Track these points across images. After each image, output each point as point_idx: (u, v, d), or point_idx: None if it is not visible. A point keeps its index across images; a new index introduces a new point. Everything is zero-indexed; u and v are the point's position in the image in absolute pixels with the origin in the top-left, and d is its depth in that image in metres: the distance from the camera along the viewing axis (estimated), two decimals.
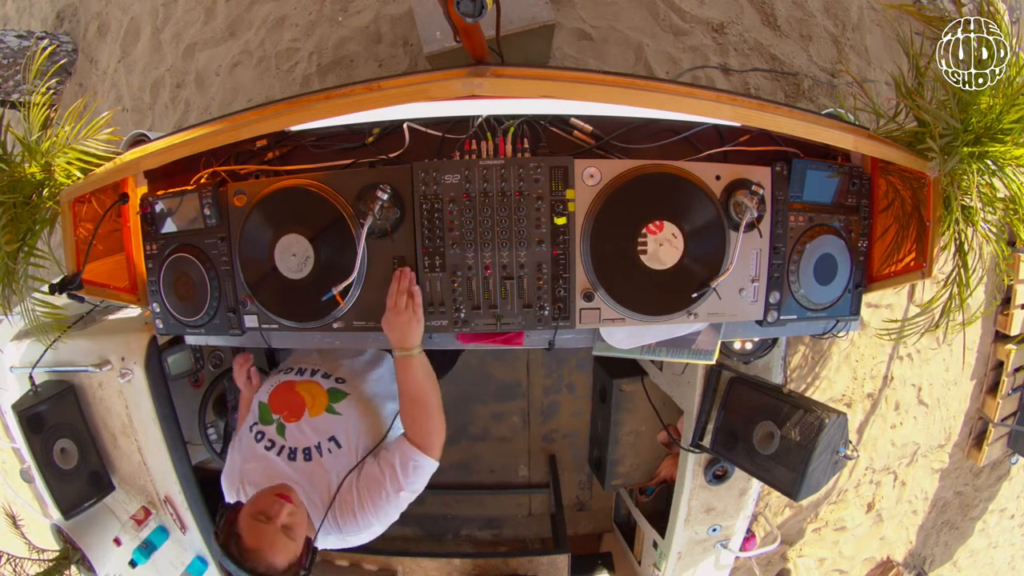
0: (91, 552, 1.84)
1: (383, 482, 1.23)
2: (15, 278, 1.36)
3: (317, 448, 1.28)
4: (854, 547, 3.50)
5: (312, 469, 1.26)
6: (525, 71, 1.18)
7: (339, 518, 1.23)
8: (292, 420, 1.32)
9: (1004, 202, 1.27)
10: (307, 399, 1.36)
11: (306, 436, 1.30)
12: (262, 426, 1.34)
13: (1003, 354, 3.22)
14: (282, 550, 1.11)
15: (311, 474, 1.26)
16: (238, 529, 1.12)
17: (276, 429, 1.32)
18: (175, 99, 3.35)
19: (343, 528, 1.23)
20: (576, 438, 3.00)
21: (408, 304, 1.24)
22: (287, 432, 1.31)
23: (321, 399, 1.36)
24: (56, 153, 1.38)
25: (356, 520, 1.23)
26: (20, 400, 1.75)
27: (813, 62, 2.84)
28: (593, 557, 2.59)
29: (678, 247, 1.24)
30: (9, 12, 4.17)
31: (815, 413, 1.42)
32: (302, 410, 1.34)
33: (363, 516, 1.23)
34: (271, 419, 1.34)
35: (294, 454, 1.28)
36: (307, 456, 1.28)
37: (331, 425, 1.32)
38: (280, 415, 1.34)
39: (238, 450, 1.36)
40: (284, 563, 1.11)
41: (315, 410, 1.34)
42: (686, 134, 1.33)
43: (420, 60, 2.76)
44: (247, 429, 1.37)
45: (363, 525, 1.24)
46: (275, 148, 1.38)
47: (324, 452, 1.28)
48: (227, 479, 1.36)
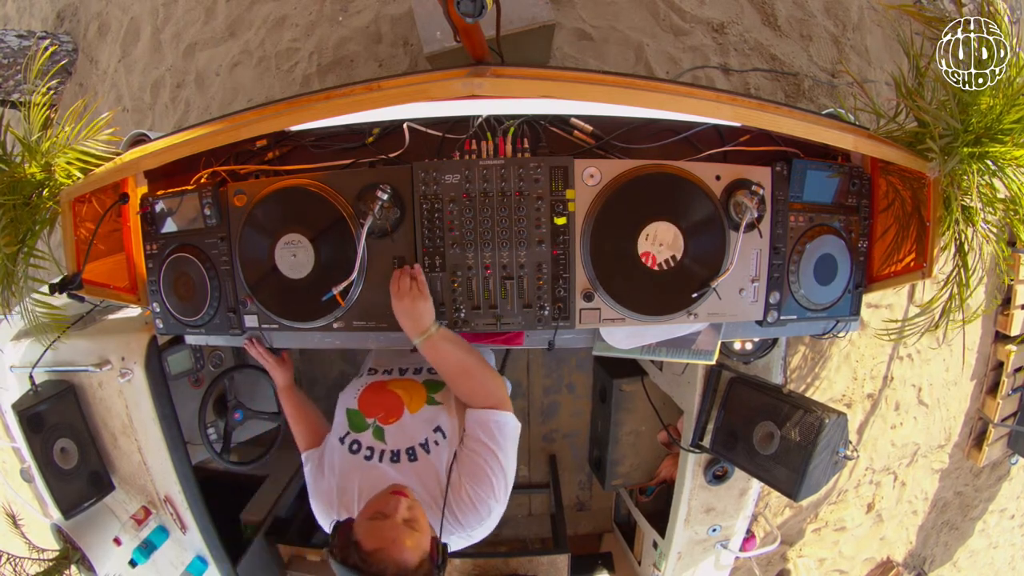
0: (91, 552, 1.84)
1: (483, 464, 1.15)
2: (15, 279, 1.36)
3: (423, 445, 1.21)
4: (854, 547, 3.50)
5: (420, 468, 1.18)
6: (525, 71, 1.18)
7: (460, 514, 1.14)
8: (391, 420, 1.25)
9: (1004, 202, 1.27)
10: (404, 396, 1.30)
11: (409, 434, 1.22)
12: (355, 434, 1.25)
13: (1003, 354, 3.22)
14: (409, 544, 0.99)
15: (420, 474, 1.18)
16: (356, 537, 1.00)
17: (373, 433, 1.24)
18: (175, 99, 3.35)
19: (464, 521, 1.15)
20: (576, 438, 3.00)
21: (411, 285, 1.22)
22: (387, 434, 1.23)
23: (419, 392, 1.31)
24: (56, 153, 1.38)
25: (476, 508, 1.14)
26: (20, 400, 1.75)
27: (813, 62, 2.84)
28: (593, 557, 2.59)
29: (678, 247, 1.24)
30: (9, 12, 4.17)
31: (815, 413, 1.42)
32: (400, 408, 1.27)
33: (481, 502, 1.14)
34: (365, 424, 1.26)
35: (397, 456, 1.20)
36: (412, 456, 1.20)
37: (435, 416, 1.25)
38: (375, 418, 1.27)
39: (329, 467, 1.25)
40: (415, 559, 0.99)
41: (415, 405, 1.28)
42: (686, 134, 1.33)
43: (420, 60, 2.77)
44: (335, 442, 1.27)
45: (484, 512, 1.15)
46: (275, 148, 1.38)
47: (431, 447, 1.20)
48: (321, 503, 1.23)
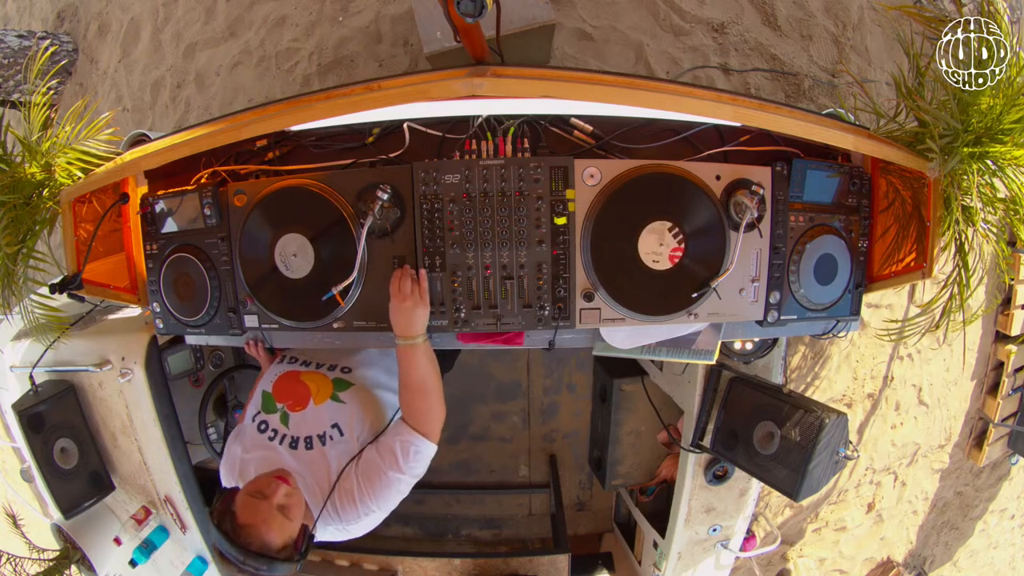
0: (91, 552, 1.85)
1: (382, 467, 1.22)
2: (14, 279, 1.36)
3: (320, 437, 1.27)
4: (854, 547, 3.50)
5: (313, 458, 1.25)
6: (525, 71, 1.18)
7: (339, 506, 1.21)
8: (297, 409, 1.31)
9: (1004, 202, 1.27)
10: (312, 388, 1.35)
11: (309, 425, 1.29)
12: (265, 415, 1.33)
13: (1003, 354, 3.21)
14: (276, 528, 1.09)
15: (312, 463, 1.25)
16: (233, 507, 1.11)
17: (280, 418, 1.31)
18: (175, 99, 3.35)
19: (343, 516, 1.22)
20: (576, 438, 3.00)
21: (413, 289, 1.24)
22: (291, 421, 1.30)
23: (326, 388, 1.35)
24: (56, 153, 1.38)
25: (356, 507, 1.21)
26: (20, 400, 1.75)
27: (813, 62, 2.84)
28: (593, 557, 2.59)
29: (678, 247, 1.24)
30: (9, 12, 4.17)
31: (815, 413, 1.42)
32: (307, 399, 1.32)
33: (363, 503, 1.21)
34: (275, 408, 1.33)
35: (296, 443, 1.27)
36: (308, 445, 1.27)
37: (335, 413, 1.31)
38: (284, 404, 1.33)
39: (239, 440, 1.35)
40: (279, 542, 1.10)
41: (319, 399, 1.33)
42: (686, 134, 1.33)
43: (420, 60, 2.76)
44: (250, 419, 1.36)
45: (363, 512, 1.22)
46: (275, 148, 1.38)
47: (327, 440, 1.27)
48: (226, 469, 1.35)
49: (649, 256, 1.25)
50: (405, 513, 2.93)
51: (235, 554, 1.06)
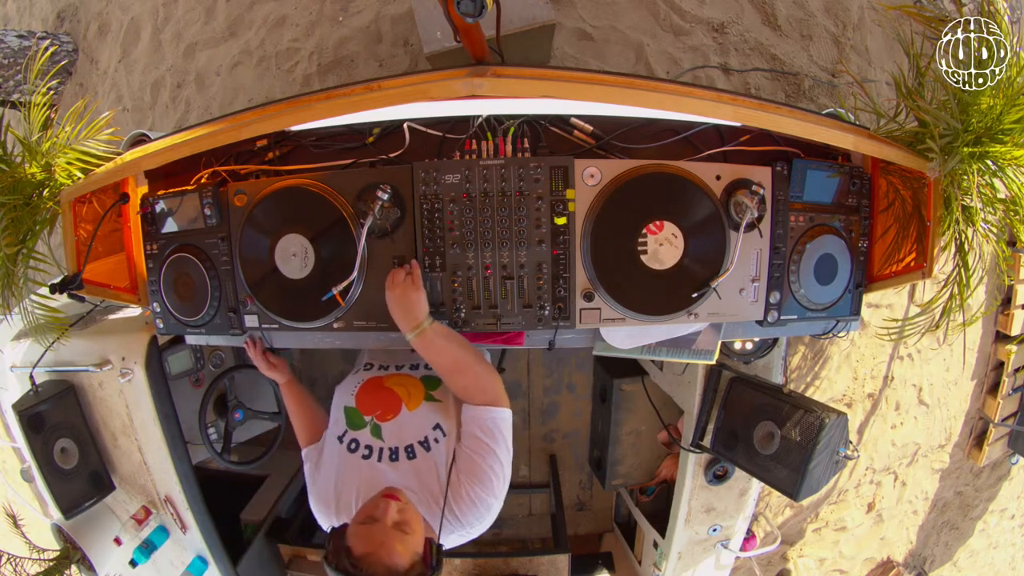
0: (91, 552, 1.84)
1: (480, 460, 1.14)
2: (14, 280, 1.36)
3: (423, 443, 1.19)
4: (854, 547, 3.50)
5: (419, 467, 1.16)
6: (525, 71, 1.18)
7: (458, 511, 1.13)
8: (389, 418, 1.23)
9: (1004, 202, 1.27)
10: (401, 393, 1.27)
11: (407, 432, 1.20)
12: (354, 433, 1.23)
13: (1003, 354, 3.21)
14: (399, 548, 0.98)
15: (419, 473, 1.15)
16: (347, 543, 1.00)
17: (371, 431, 1.22)
18: (175, 99, 3.35)
19: (464, 520, 1.14)
20: (576, 438, 3.00)
21: (406, 277, 1.20)
22: (384, 432, 1.21)
23: (417, 389, 1.28)
24: (57, 153, 1.38)
25: (475, 506, 1.13)
26: (20, 400, 1.75)
27: (813, 62, 2.84)
28: (593, 557, 2.59)
29: (678, 247, 1.24)
30: (9, 12, 4.17)
31: (815, 413, 1.42)
32: (399, 405, 1.25)
33: (480, 500, 1.13)
34: (363, 422, 1.24)
35: (396, 454, 1.18)
36: (410, 454, 1.18)
37: (434, 413, 1.23)
38: (373, 415, 1.25)
39: (323, 467, 1.24)
40: (405, 562, 0.98)
41: (413, 402, 1.25)
42: (686, 134, 1.33)
43: (420, 60, 2.77)
44: (333, 441, 1.25)
45: (483, 509, 1.14)
46: (275, 148, 1.38)
47: (430, 444, 1.19)
48: (320, 503, 1.22)
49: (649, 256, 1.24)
50: None
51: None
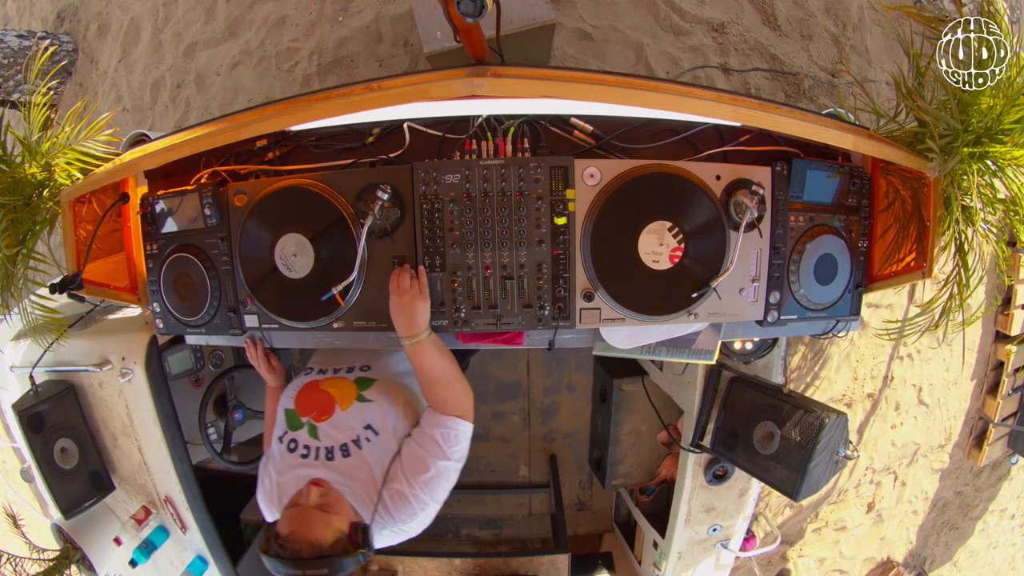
0: (91, 552, 1.84)
1: (427, 458, 1.19)
2: (14, 281, 1.36)
3: (355, 442, 1.23)
4: (854, 547, 3.50)
5: (353, 464, 1.21)
6: (525, 71, 1.18)
7: (392, 507, 1.17)
8: (324, 419, 1.27)
9: (1004, 202, 1.27)
10: (335, 394, 1.31)
11: (341, 432, 1.24)
12: (292, 433, 1.28)
13: (1003, 354, 3.21)
14: (320, 524, 1.05)
15: (353, 469, 1.20)
16: (276, 528, 1.07)
17: (308, 432, 1.26)
18: (175, 99, 3.35)
19: (397, 516, 1.18)
20: (576, 438, 3.00)
21: (412, 283, 1.23)
22: (320, 432, 1.25)
23: (350, 391, 1.32)
24: (56, 154, 1.38)
25: (410, 503, 1.17)
26: (20, 400, 1.75)
27: (813, 62, 2.84)
28: (593, 557, 2.59)
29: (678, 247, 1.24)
30: (9, 12, 4.17)
31: (815, 413, 1.42)
32: (332, 406, 1.28)
33: (416, 498, 1.17)
34: (301, 423, 1.28)
35: (331, 453, 1.23)
36: (345, 452, 1.22)
37: (364, 414, 1.27)
38: (309, 416, 1.28)
39: (269, 466, 1.29)
40: (329, 538, 1.04)
41: (345, 403, 1.29)
42: (686, 134, 1.33)
43: (420, 60, 2.77)
44: (276, 442, 1.30)
45: (418, 508, 1.18)
46: (275, 148, 1.38)
47: (363, 443, 1.23)
48: (264, 500, 1.28)
49: (649, 256, 1.25)
50: None
51: (292, 570, 1.01)
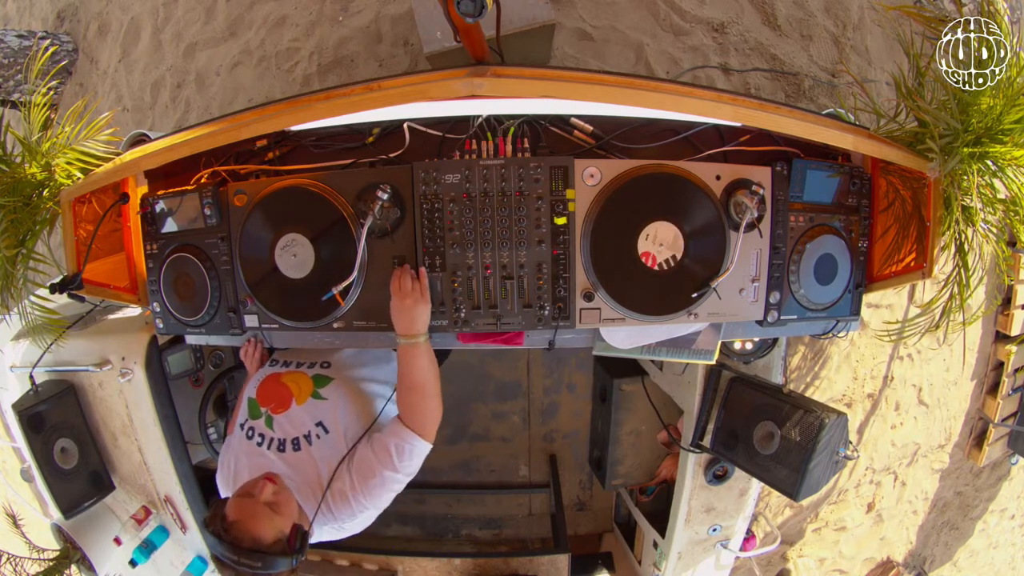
0: (91, 551, 1.84)
1: (376, 465, 1.21)
2: (13, 281, 1.36)
3: (306, 437, 1.27)
4: (854, 547, 3.50)
5: (302, 459, 1.25)
6: (525, 71, 1.18)
7: (333, 505, 1.21)
8: (280, 411, 1.31)
9: (1004, 202, 1.27)
10: (293, 388, 1.34)
11: (294, 426, 1.28)
12: (252, 421, 1.33)
13: (1003, 354, 3.21)
14: (266, 523, 1.10)
15: (301, 464, 1.24)
16: (223, 510, 1.12)
17: (265, 422, 1.31)
18: (175, 99, 3.35)
19: (337, 515, 1.22)
20: (576, 438, 3.00)
21: (414, 286, 1.24)
22: (275, 424, 1.30)
23: (306, 386, 1.35)
24: (56, 154, 1.38)
25: (350, 505, 1.21)
26: (20, 400, 1.75)
27: (813, 62, 2.84)
28: (593, 557, 2.59)
29: (678, 247, 1.24)
30: (9, 12, 4.17)
31: (815, 413, 1.42)
32: (289, 400, 1.32)
33: (356, 501, 1.21)
34: (259, 413, 1.33)
35: (283, 445, 1.27)
36: (296, 446, 1.26)
37: (317, 411, 1.30)
38: (268, 407, 1.33)
39: (230, 449, 1.35)
40: (269, 536, 1.09)
41: (301, 398, 1.32)
42: (686, 134, 1.33)
43: (420, 60, 2.76)
44: (238, 427, 1.36)
45: (357, 510, 1.22)
46: (275, 148, 1.38)
47: (312, 439, 1.26)
48: (221, 480, 1.34)
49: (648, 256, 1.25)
50: (405, 513, 2.93)
51: (227, 553, 1.07)
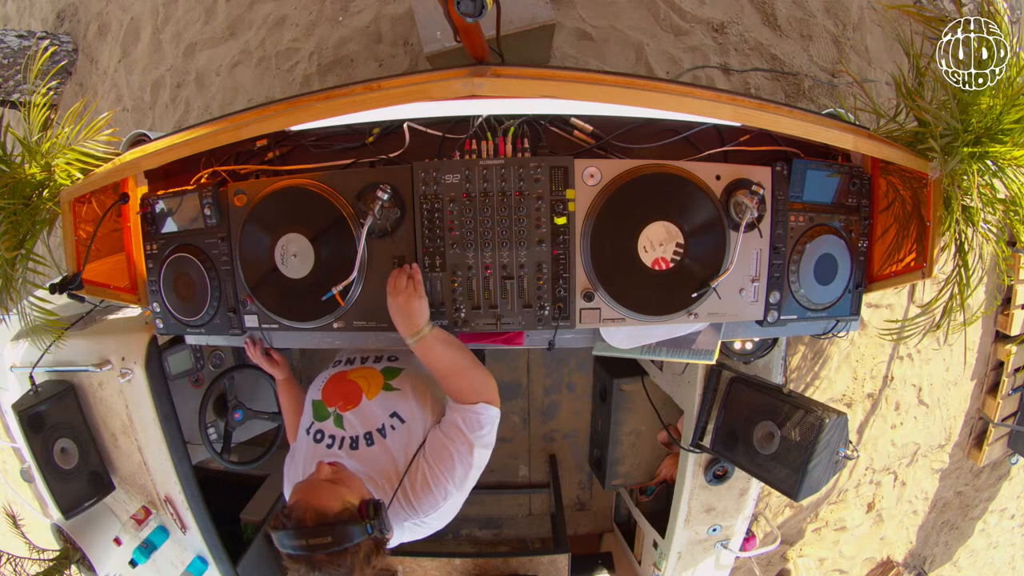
0: (91, 552, 1.85)
1: (450, 445, 1.16)
2: (12, 283, 1.36)
3: (380, 430, 1.22)
4: (854, 547, 3.50)
5: (376, 453, 1.20)
6: (525, 71, 1.18)
7: (413, 496, 1.15)
8: (350, 408, 1.27)
9: (1004, 202, 1.28)
10: (362, 384, 1.31)
11: (367, 420, 1.24)
12: (319, 424, 1.28)
13: (1003, 354, 3.21)
14: (327, 494, 1.03)
15: (376, 458, 1.19)
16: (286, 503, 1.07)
17: (334, 422, 1.27)
18: (175, 99, 3.35)
19: (419, 506, 1.15)
20: (576, 438, 3.00)
21: (408, 283, 1.22)
22: (346, 422, 1.25)
23: (376, 380, 1.32)
24: (56, 154, 1.38)
25: (432, 492, 1.14)
26: (20, 400, 1.75)
27: (813, 62, 2.84)
28: (593, 557, 2.59)
29: (678, 247, 1.24)
30: (9, 12, 4.17)
31: (815, 413, 1.42)
32: (359, 396, 1.28)
33: (439, 486, 1.15)
34: (327, 413, 1.29)
35: (356, 442, 1.22)
36: (369, 441, 1.22)
37: (391, 402, 1.26)
38: (335, 406, 1.29)
39: (300, 458, 1.29)
40: (335, 506, 1.02)
41: (372, 392, 1.29)
42: (686, 134, 1.33)
43: (420, 60, 2.77)
44: (303, 433, 1.30)
45: (440, 497, 1.15)
46: (275, 148, 1.38)
47: (387, 431, 1.22)
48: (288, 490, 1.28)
49: (649, 256, 1.25)
50: None
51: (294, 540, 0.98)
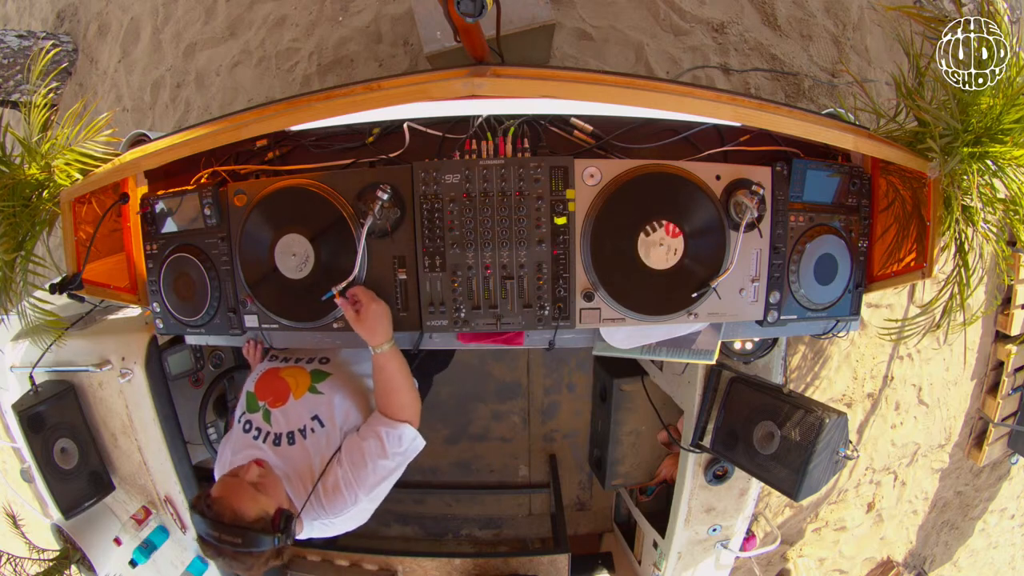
0: (91, 552, 1.85)
1: (366, 453, 1.23)
2: (12, 284, 1.36)
3: (301, 431, 1.28)
4: (854, 547, 3.50)
5: (296, 453, 1.26)
6: (525, 71, 1.18)
7: (325, 498, 1.22)
8: (277, 405, 1.32)
9: (1004, 202, 1.28)
10: (291, 383, 1.36)
11: (291, 420, 1.30)
12: (249, 415, 1.34)
13: (1003, 354, 3.21)
14: (248, 500, 1.12)
15: (295, 457, 1.26)
16: (209, 490, 1.15)
17: (263, 416, 1.32)
18: (175, 99, 3.35)
19: (328, 507, 1.22)
20: (576, 438, 3.00)
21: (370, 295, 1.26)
22: (272, 418, 1.31)
23: (304, 380, 1.36)
24: (56, 154, 1.38)
25: (342, 495, 1.21)
26: (20, 400, 1.75)
27: (813, 62, 2.84)
28: (593, 557, 2.59)
29: (678, 247, 1.24)
30: (9, 12, 4.17)
31: (815, 413, 1.42)
32: (287, 394, 1.33)
33: (350, 491, 1.21)
34: (257, 406, 1.34)
35: (279, 439, 1.28)
36: (291, 440, 1.28)
37: (314, 405, 1.31)
38: (265, 401, 1.34)
39: (229, 443, 1.36)
40: (252, 513, 1.11)
41: (299, 392, 1.34)
42: (686, 134, 1.33)
43: (420, 60, 2.77)
44: (236, 421, 1.37)
45: (350, 502, 1.22)
46: (275, 148, 1.38)
47: (308, 433, 1.28)
48: (218, 472, 1.35)
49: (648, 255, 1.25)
50: (405, 513, 2.93)
51: (209, 530, 1.08)
